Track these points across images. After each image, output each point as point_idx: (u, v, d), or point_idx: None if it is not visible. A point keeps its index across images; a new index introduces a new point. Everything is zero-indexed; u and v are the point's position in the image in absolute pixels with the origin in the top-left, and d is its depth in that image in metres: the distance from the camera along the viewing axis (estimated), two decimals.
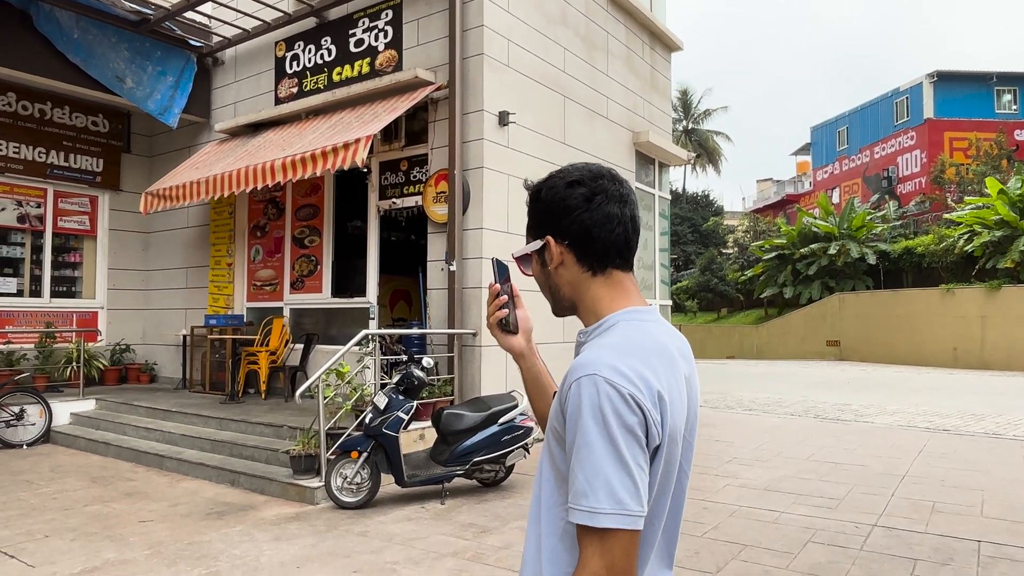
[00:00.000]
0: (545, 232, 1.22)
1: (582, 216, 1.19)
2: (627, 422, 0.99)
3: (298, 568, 4.14)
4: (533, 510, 1.16)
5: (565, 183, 1.21)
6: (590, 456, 0.98)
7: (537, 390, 1.41)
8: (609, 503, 0.96)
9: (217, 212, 10.12)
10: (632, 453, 0.98)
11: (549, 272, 1.23)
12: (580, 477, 0.98)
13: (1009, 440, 8.52)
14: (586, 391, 1.01)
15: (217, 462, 6.48)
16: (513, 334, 1.37)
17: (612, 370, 1.02)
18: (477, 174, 7.37)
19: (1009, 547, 4.49)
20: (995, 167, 25.56)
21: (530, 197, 1.25)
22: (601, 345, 1.10)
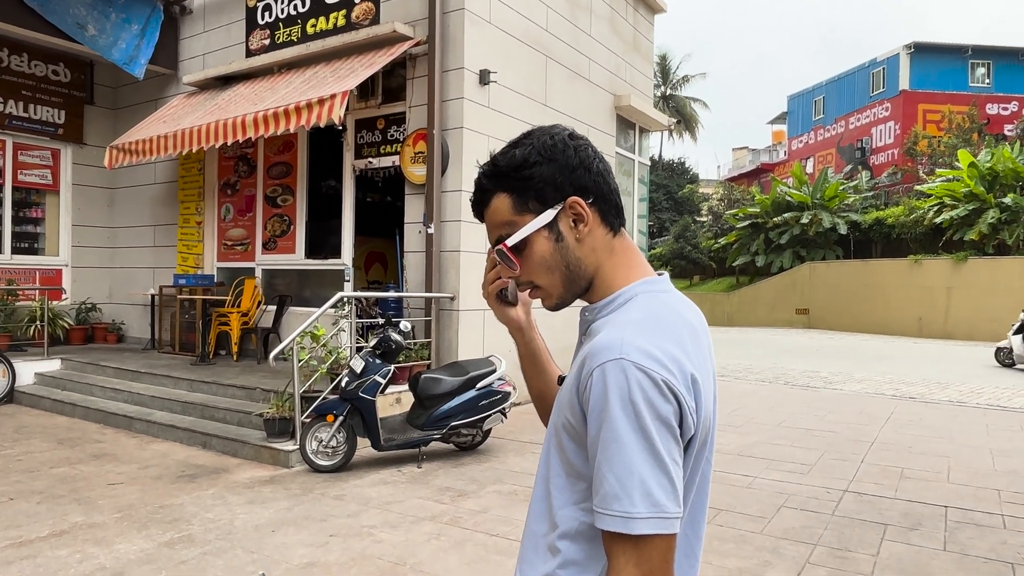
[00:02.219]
0: (562, 195, 1.03)
1: (599, 166, 1.06)
2: (661, 412, 0.87)
3: (273, 532, 4.09)
4: (537, 507, 1.04)
5: (565, 136, 1.06)
6: (620, 453, 0.86)
7: (534, 368, 1.30)
8: (645, 506, 0.84)
9: (186, 168, 9.80)
10: (667, 447, 0.87)
11: (568, 246, 1.04)
12: (610, 478, 0.86)
13: (972, 408, 8.75)
14: (613, 379, 0.88)
15: (188, 424, 6.37)
16: (512, 305, 1.25)
17: (641, 353, 0.89)
18: (457, 134, 7.20)
19: (975, 512, 4.60)
20: (966, 140, 25.88)
21: (524, 163, 1.03)
22: (622, 323, 0.96)
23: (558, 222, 1.04)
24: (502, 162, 1.06)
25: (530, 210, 1.04)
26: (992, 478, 5.42)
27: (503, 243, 1.06)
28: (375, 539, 3.99)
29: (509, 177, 1.05)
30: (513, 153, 1.06)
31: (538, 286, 1.09)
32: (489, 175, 1.08)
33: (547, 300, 1.11)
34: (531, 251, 1.05)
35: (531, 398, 1.33)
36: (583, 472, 0.97)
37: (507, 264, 1.08)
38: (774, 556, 3.83)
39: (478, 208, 1.11)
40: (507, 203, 1.05)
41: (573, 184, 1.04)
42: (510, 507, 4.57)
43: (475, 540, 3.98)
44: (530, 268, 1.07)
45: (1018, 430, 7.32)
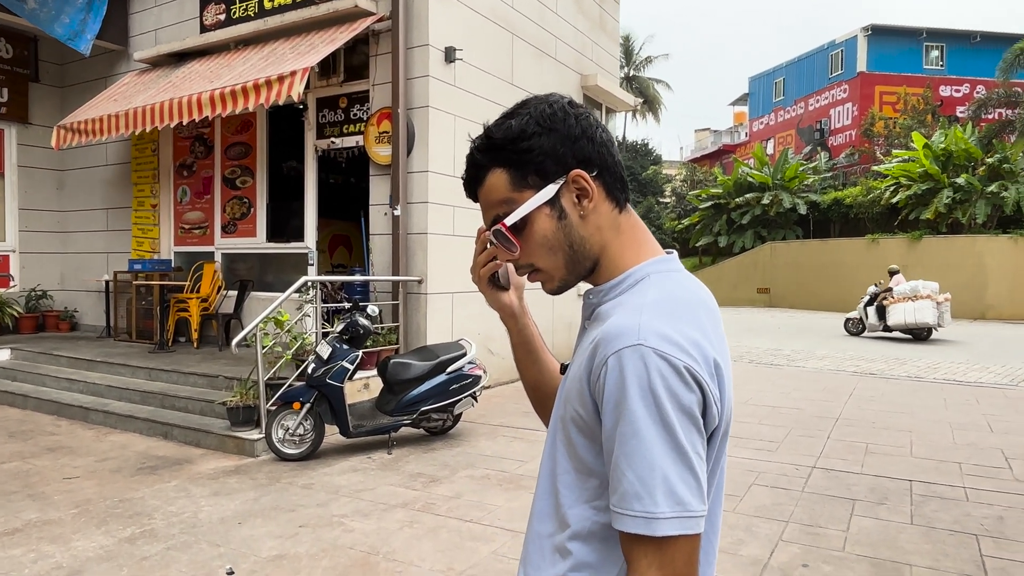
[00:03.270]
0: (564, 168, 0.94)
1: (602, 135, 0.97)
2: (684, 402, 0.80)
3: (240, 524, 3.97)
4: (542, 505, 0.97)
5: (565, 103, 0.97)
6: (641, 448, 0.79)
7: (529, 356, 1.21)
8: (668, 505, 0.78)
9: (139, 149, 9.43)
10: (691, 440, 0.80)
11: (571, 223, 0.95)
12: (630, 476, 0.79)
13: (930, 383, 8.98)
14: (631, 366, 0.81)
15: (147, 414, 6.16)
16: (504, 290, 1.16)
17: (661, 338, 0.82)
18: (422, 113, 7.03)
19: (938, 485, 4.70)
20: (921, 121, 26.46)
21: (521, 134, 0.94)
22: (637, 306, 0.88)
23: (560, 198, 0.95)
24: (497, 134, 0.97)
25: (530, 186, 0.95)
26: (952, 451, 5.55)
27: (501, 222, 0.97)
28: (346, 528, 3.90)
29: (505, 150, 0.96)
30: (509, 124, 0.96)
31: (539, 268, 1.00)
32: (483, 149, 0.98)
33: (548, 283, 1.02)
34: (531, 231, 0.96)
35: (525, 388, 1.24)
36: (594, 468, 0.90)
37: (505, 246, 0.99)
38: (747, 534, 3.85)
39: (471, 186, 1.02)
40: (504, 179, 0.96)
41: (575, 156, 0.95)
42: (483, 492, 4.52)
43: (449, 526, 3.92)
44: (530, 249, 0.98)
45: (974, 403, 7.53)
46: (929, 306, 13.54)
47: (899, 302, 13.93)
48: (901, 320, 13.90)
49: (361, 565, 3.42)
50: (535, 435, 5.92)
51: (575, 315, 9.17)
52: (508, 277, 1.16)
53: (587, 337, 0.97)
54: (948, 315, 13.84)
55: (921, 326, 13.82)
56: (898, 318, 13.96)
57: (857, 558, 3.53)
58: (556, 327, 8.87)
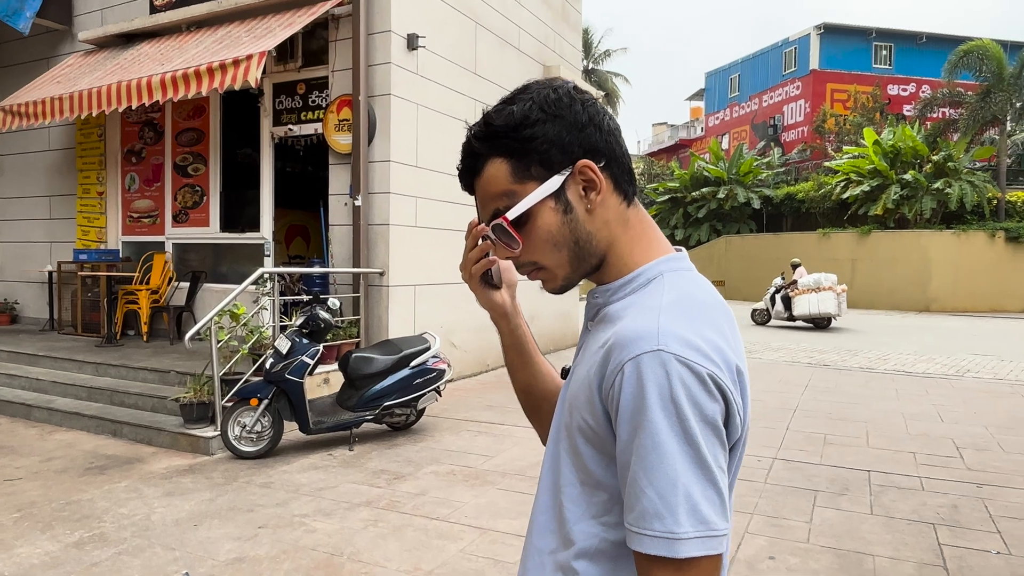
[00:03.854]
0: (570, 158, 0.87)
1: (609, 123, 0.90)
2: (707, 412, 0.75)
3: (195, 525, 3.81)
4: (543, 520, 0.90)
5: (570, 89, 0.90)
6: (662, 463, 0.73)
7: (521, 358, 1.14)
8: (691, 524, 0.72)
9: (84, 134, 9.02)
10: (714, 454, 0.75)
11: (577, 218, 0.89)
12: (650, 493, 0.74)
13: (881, 374, 9.22)
14: (651, 374, 0.75)
15: (95, 411, 5.90)
16: (496, 288, 1.09)
17: (682, 343, 0.76)
18: (384, 101, 6.88)
19: (895, 475, 4.81)
20: (870, 119, 27.19)
21: (524, 121, 0.87)
22: (654, 307, 0.82)
23: (566, 190, 0.88)
24: (498, 121, 0.89)
25: (533, 177, 0.88)
26: (907, 441, 5.69)
27: (503, 217, 0.89)
28: (308, 528, 3.78)
29: (507, 138, 0.88)
30: (510, 110, 0.88)
31: (542, 266, 0.93)
32: (481, 137, 0.90)
33: (551, 282, 0.95)
34: (535, 225, 0.89)
35: (516, 392, 1.17)
36: (603, 481, 0.83)
37: (506, 242, 0.91)
38: None
39: (468, 177, 0.94)
40: (505, 170, 0.89)
41: (582, 145, 0.88)
42: (449, 488, 4.44)
43: (415, 525, 3.84)
44: (533, 245, 0.91)
45: (924, 394, 7.76)
46: (831, 297, 14.65)
47: (804, 293, 14.91)
48: (806, 310, 14.84)
49: (325, 567, 3.32)
50: (500, 429, 5.87)
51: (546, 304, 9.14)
52: (500, 275, 1.09)
53: (594, 339, 0.90)
54: (844, 305, 15.00)
55: (824, 315, 14.86)
56: (803, 308, 14.95)
57: (822, 549, 3.57)
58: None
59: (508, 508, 4.10)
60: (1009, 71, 21.98)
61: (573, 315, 11.00)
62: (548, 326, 9.79)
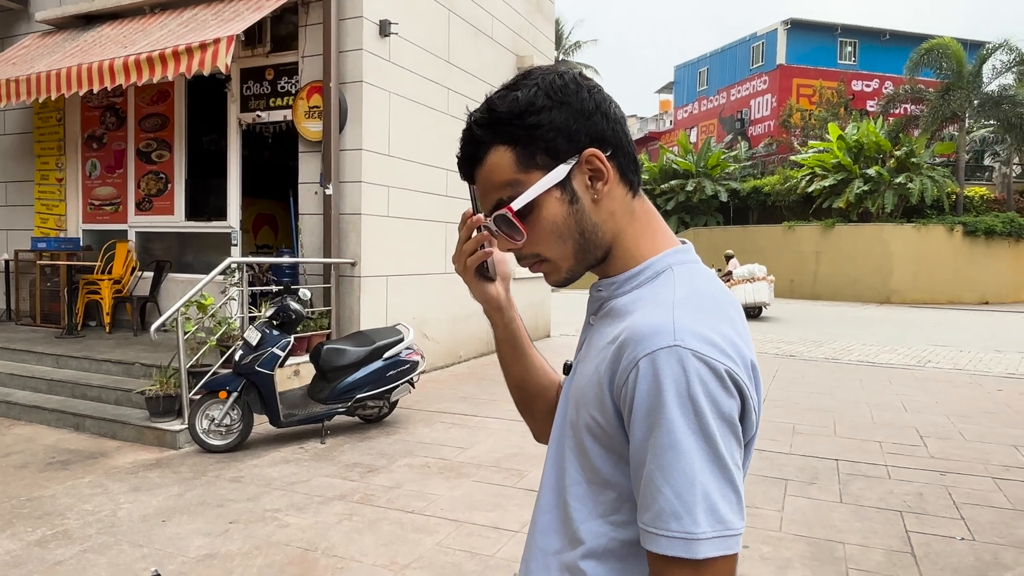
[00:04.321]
0: (577, 147, 0.85)
1: (615, 111, 0.88)
2: (724, 409, 0.73)
3: (164, 521, 3.72)
4: (547, 519, 0.88)
5: (576, 75, 0.87)
6: (679, 462, 0.71)
7: (515, 352, 1.11)
8: (709, 524, 0.71)
9: (42, 118, 8.71)
10: (731, 451, 0.73)
11: (583, 208, 0.86)
12: (667, 492, 0.72)
13: (846, 364, 9.42)
14: (668, 371, 0.73)
15: (56, 404, 5.72)
16: (491, 281, 1.05)
17: (699, 338, 0.74)
18: (356, 88, 6.76)
19: (862, 464, 4.91)
20: (835, 114, 27.66)
21: (530, 108, 0.84)
22: (667, 301, 0.80)
23: (572, 180, 0.85)
24: (501, 107, 0.85)
25: (538, 166, 0.85)
26: (872, 430, 5.82)
27: (507, 207, 0.86)
28: (280, 523, 3.72)
29: (511, 125, 0.84)
30: (515, 96, 0.85)
31: (545, 258, 0.90)
32: (484, 124, 0.86)
33: (554, 275, 0.92)
34: (539, 216, 0.86)
35: (508, 387, 1.14)
36: (611, 480, 0.81)
37: (509, 233, 0.88)
38: None
39: (468, 166, 0.90)
40: (509, 158, 0.85)
41: (589, 133, 0.85)
42: (423, 481, 4.41)
43: (390, 518, 3.80)
44: (538, 237, 0.87)
45: (887, 384, 7.94)
46: (764, 287, 15.39)
47: (739, 284, 15.49)
48: (742, 300, 15.37)
49: (299, 562, 3.26)
50: (474, 421, 5.85)
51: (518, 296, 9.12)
52: (495, 267, 1.05)
53: (600, 335, 0.87)
54: (772, 295, 15.84)
55: (758, 304, 15.60)
56: (739, 298, 15.47)
57: (794, 537, 3.63)
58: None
59: (483, 500, 4.09)
60: (968, 69, 22.53)
61: (546, 305, 11.01)
62: None
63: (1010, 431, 5.87)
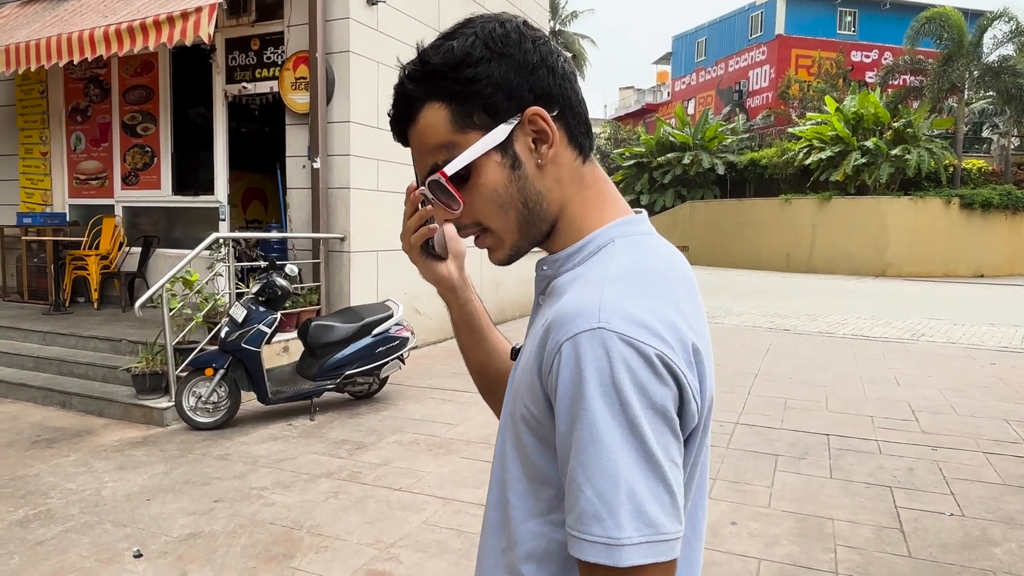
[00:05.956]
0: (519, 105, 0.76)
1: (564, 66, 0.79)
2: (655, 399, 0.65)
3: (148, 500, 3.69)
4: (492, 516, 0.81)
5: (519, 24, 0.78)
6: (601, 458, 0.64)
7: (472, 336, 1.04)
8: (635, 527, 0.63)
9: (25, 91, 8.55)
10: (664, 445, 0.65)
11: (526, 175, 0.77)
12: (588, 492, 0.64)
13: (840, 338, 9.40)
14: (589, 355, 0.65)
15: (43, 382, 5.67)
16: (440, 260, 0.99)
17: (627, 319, 0.66)
18: (343, 59, 6.61)
19: (853, 439, 4.89)
20: (833, 85, 27.37)
21: (466, 59, 0.75)
22: (599, 279, 0.72)
23: (514, 142, 0.77)
24: (434, 59, 0.76)
25: (476, 125, 0.76)
26: (864, 405, 5.80)
27: (441, 171, 0.77)
28: (266, 502, 3.69)
29: (445, 79, 0.76)
30: (450, 46, 0.76)
31: (486, 228, 0.81)
32: (416, 77, 0.78)
33: (498, 250, 0.83)
34: (477, 182, 0.77)
35: (470, 372, 1.07)
36: (549, 476, 0.73)
37: (445, 201, 0.80)
38: None
39: (400, 125, 0.81)
40: (443, 116, 0.76)
41: (533, 90, 0.76)
42: (412, 458, 4.38)
43: (377, 496, 3.77)
44: (477, 205, 0.79)
45: (880, 358, 7.92)
46: None
47: None
48: None
49: (283, 541, 3.23)
50: (465, 397, 5.81)
51: (509, 270, 9.06)
52: (445, 244, 0.98)
53: (540, 317, 0.80)
54: None
55: None
56: None
57: (783, 514, 3.61)
58: (484, 285, 8.73)
59: (472, 477, 4.06)
60: (969, 39, 22.24)
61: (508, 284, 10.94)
62: (511, 293, 9.73)
63: (1002, 405, 5.86)
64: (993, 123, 26.64)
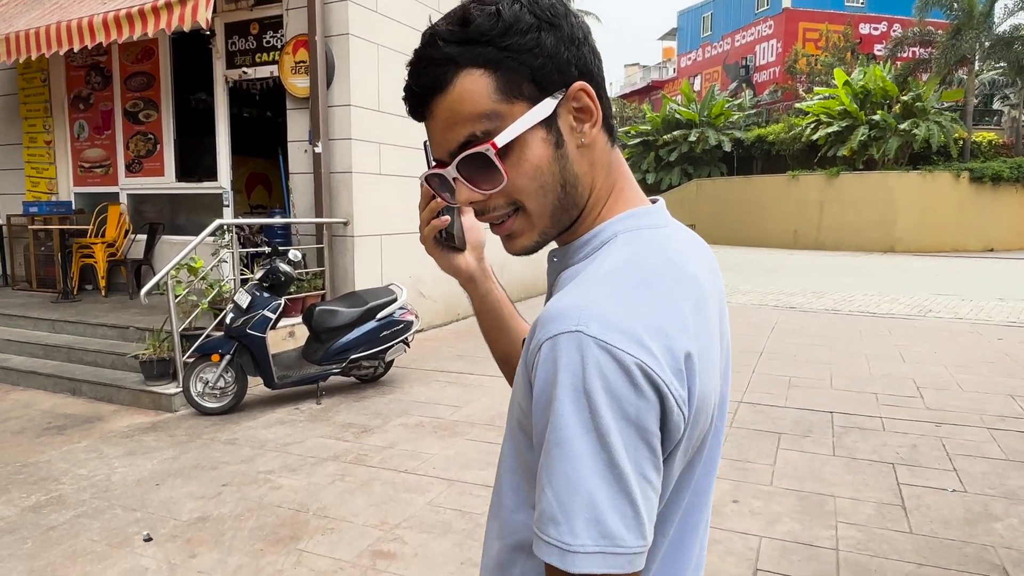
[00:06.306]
0: (564, 79, 0.71)
1: (595, 47, 0.75)
2: (629, 410, 0.61)
3: (157, 485, 3.75)
4: (493, 500, 0.82)
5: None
6: (563, 463, 0.61)
7: (495, 325, 1.02)
8: (590, 536, 0.60)
9: (27, 79, 8.56)
10: (635, 459, 0.61)
11: (567, 155, 0.73)
12: (548, 493, 0.62)
13: (846, 315, 9.37)
14: (564, 359, 0.62)
15: (52, 369, 5.74)
16: (458, 251, 0.97)
17: (606, 324, 0.62)
18: (342, 42, 6.58)
19: (857, 416, 4.90)
20: (841, 59, 27.01)
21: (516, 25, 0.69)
22: (590, 278, 0.69)
23: (557, 118, 0.72)
24: (481, 20, 0.69)
25: (524, 96, 0.70)
26: (869, 382, 5.80)
27: (491, 142, 0.70)
28: (273, 485, 3.74)
29: (491, 45, 0.69)
30: (494, 10, 0.69)
31: (519, 210, 0.75)
32: (455, 41, 0.70)
33: (523, 236, 0.77)
34: (522, 158, 0.71)
35: (495, 360, 1.06)
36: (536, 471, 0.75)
37: (482, 178, 0.72)
38: None
39: (426, 95, 0.73)
40: (485, 84, 0.69)
41: (578, 65, 0.72)
42: (417, 440, 4.42)
43: (382, 478, 3.81)
44: (518, 183, 0.72)
45: (887, 334, 7.90)
46: None
47: None
48: None
49: (290, 524, 3.28)
50: (470, 379, 5.85)
51: None
52: (463, 236, 0.96)
53: None
54: None
55: None
56: None
57: (784, 492, 3.63)
58: None
59: (477, 459, 4.10)
60: (979, 9, 21.85)
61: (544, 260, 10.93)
62: (518, 274, 9.72)
63: (1008, 381, 5.85)
64: (1004, 95, 26.28)
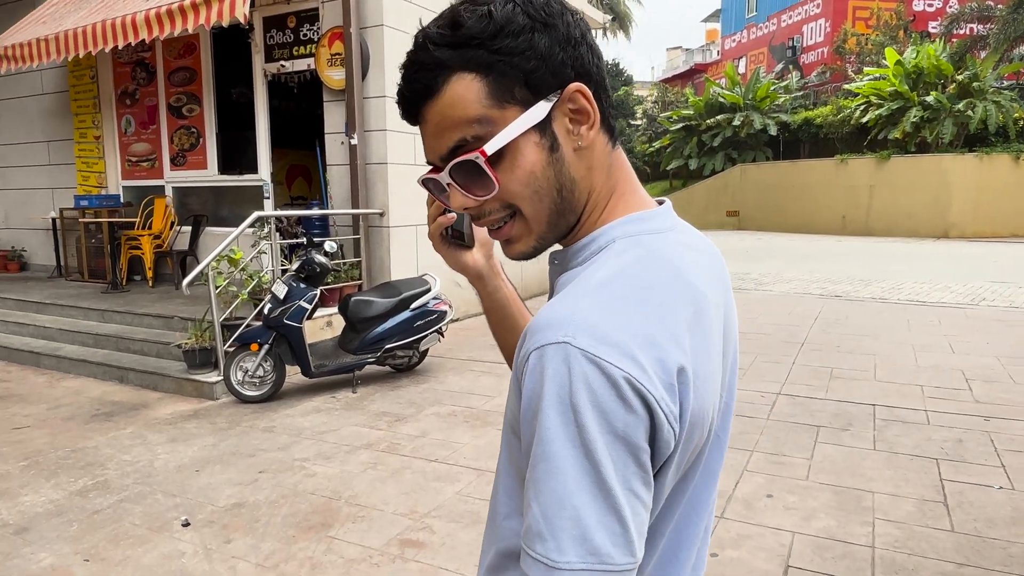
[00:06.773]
0: (558, 81, 0.69)
1: (596, 46, 0.74)
2: (617, 425, 0.59)
3: (197, 471, 3.86)
4: (491, 503, 0.80)
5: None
6: (549, 478, 0.60)
7: (504, 323, 1.00)
8: (577, 553, 0.58)
9: (76, 76, 8.83)
10: (623, 475, 0.60)
11: (563, 158, 0.71)
12: (535, 508, 0.60)
13: (894, 304, 9.08)
14: (551, 370, 0.60)
15: (102, 358, 5.95)
16: (466, 248, 0.96)
17: (595, 336, 0.60)
18: (377, 33, 6.61)
19: (900, 409, 4.75)
20: (893, 38, 26.03)
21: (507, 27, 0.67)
22: (584, 287, 0.66)
23: (552, 121, 0.70)
24: (471, 23, 0.68)
25: (516, 100, 0.69)
26: (915, 374, 5.62)
27: (480, 150, 0.68)
28: (307, 473, 3.81)
29: (482, 48, 0.67)
30: (485, 11, 0.68)
31: (516, 215, 0.74)
32: (445, 44, 0.68)
33: (520, 242, 0.76)
34: (514, 163, 0.70)
35: (504, 358, 1.05)
36: None
37: (475, 185, 0.72)
38: None
39: (417, 100, 0.71)
40: (476, 89, 0.68)
41: (575, 66, 0.70)
42: (449, 430, 4.45)
43: (413, 467, 3.86)
44: (511, 189, 0.71)
45: (936, 324, 7.64)
46: None
47: None
48: None
49: (322, 511, 3.35)
50: (503, 368, 5.85)
51: None
52: (472, 233, 0.95)
53: None
54: None
55: None
56: None
57: (820, 486, 3.55)
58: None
59: None
60: None
61: None
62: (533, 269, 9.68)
63: None
64: None
